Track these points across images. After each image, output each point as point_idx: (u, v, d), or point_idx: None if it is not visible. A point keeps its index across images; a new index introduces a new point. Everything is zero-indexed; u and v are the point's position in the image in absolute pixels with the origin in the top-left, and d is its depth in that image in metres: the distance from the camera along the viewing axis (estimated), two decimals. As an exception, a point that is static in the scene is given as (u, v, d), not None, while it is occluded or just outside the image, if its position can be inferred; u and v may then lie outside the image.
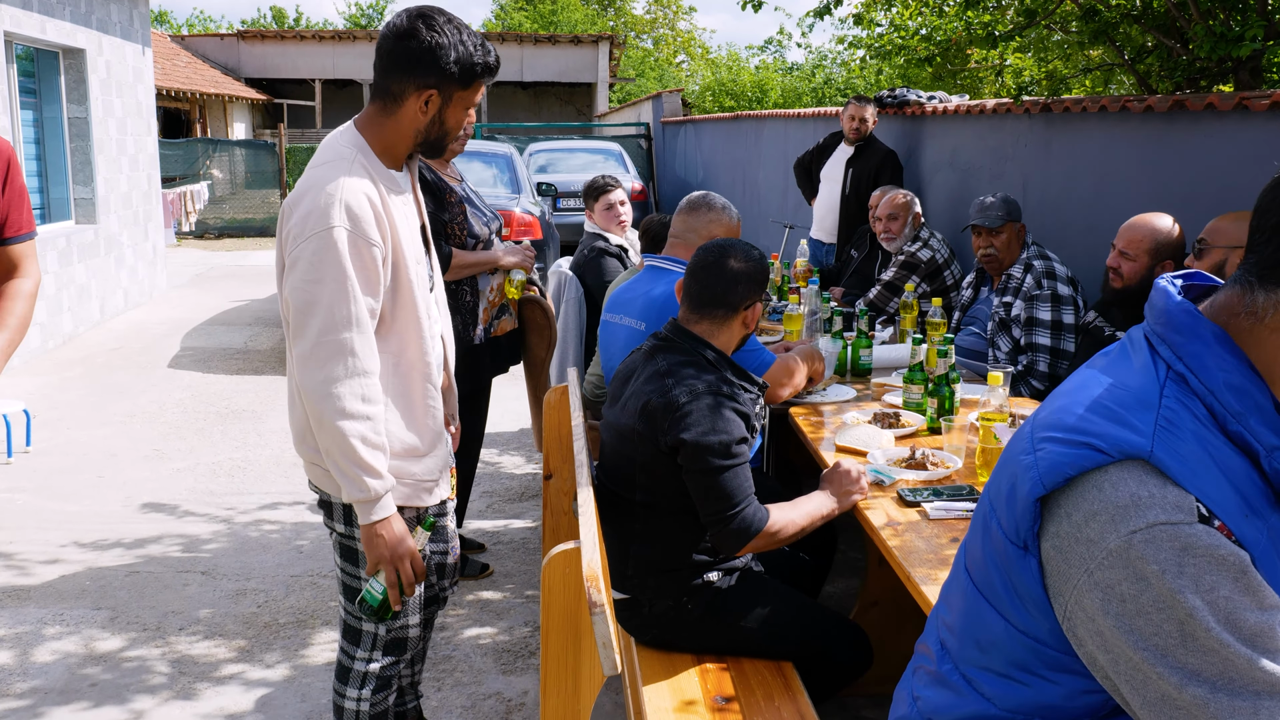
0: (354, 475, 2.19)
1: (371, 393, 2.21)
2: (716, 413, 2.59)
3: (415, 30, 2.22)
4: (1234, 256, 3.23)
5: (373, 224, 2.20)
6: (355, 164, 2.25)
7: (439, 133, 2.34)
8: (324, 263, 2.16)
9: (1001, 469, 1.27)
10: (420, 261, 2.39)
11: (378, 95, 2.31)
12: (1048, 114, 5.49)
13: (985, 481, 2.86)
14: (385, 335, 2.28)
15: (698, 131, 15.86)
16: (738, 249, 2.80)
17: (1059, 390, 1.30)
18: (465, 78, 2.27)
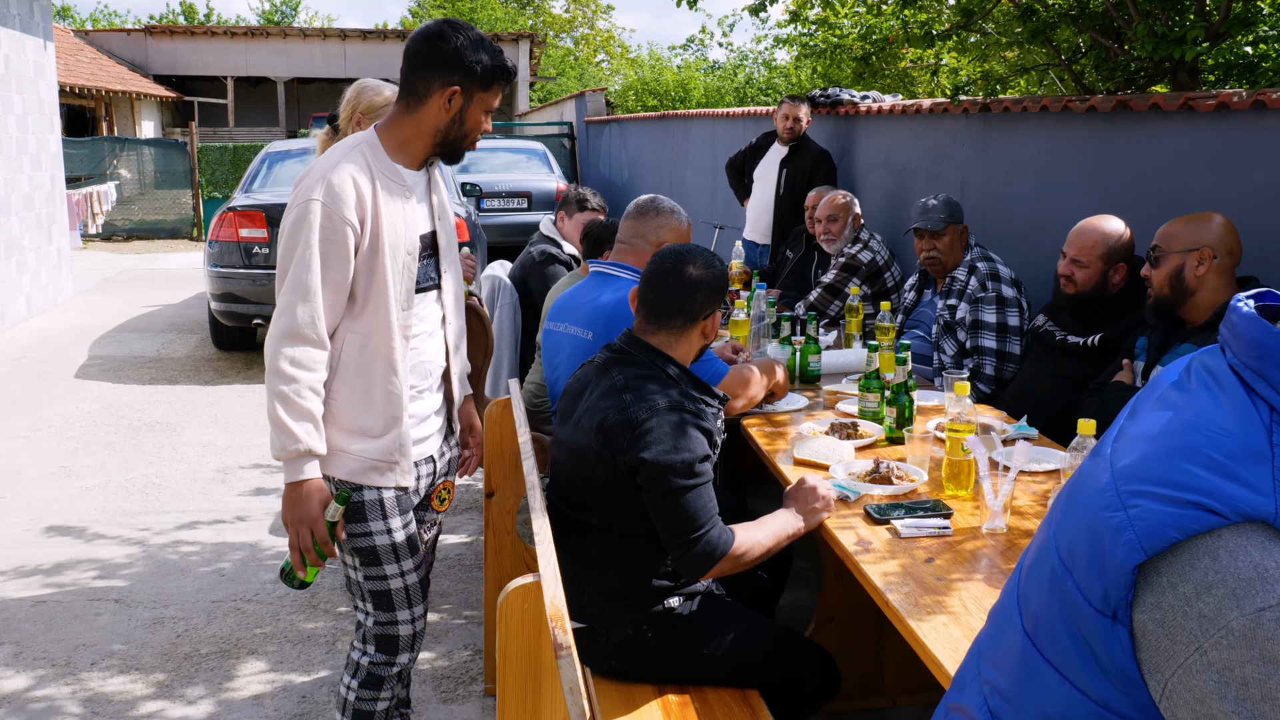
0: (273, 432, 2.37)
1: (306, 359, 2.35)
2: (679, 430, 2.43)
3: (443, 33, 2.44)
4: (1190, 260, 3.17)
5: (352, 205, 2.36)
6: (355, 152, 2.43)
7: (458, 133, 2.50)
8: (297, 233, 2.36)
9: (1075, 522, 1.11)
10: (412, 257, 2.49)
11: (403, 95, 2.49)
12: (986, 114, 5.45)
13: (952, 494, 2.77)
14: (355, 315, 2.43)
15: (623, 131, 15.71)
16: (696, 255, 2.65)
17: (1131, 432, 1.13)
18: (486, 78, 2.46)
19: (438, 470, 2.77)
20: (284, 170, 9.37)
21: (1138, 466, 1.06)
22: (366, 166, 2.42)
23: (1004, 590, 1.29)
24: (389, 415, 2.48)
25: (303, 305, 2.34)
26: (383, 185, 2.43)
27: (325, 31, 27.69)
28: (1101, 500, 1.07)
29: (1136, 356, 3.38)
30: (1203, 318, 3.19)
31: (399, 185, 2.47)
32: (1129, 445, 1.11)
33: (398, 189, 2.47)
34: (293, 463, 2.37)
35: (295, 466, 2.37)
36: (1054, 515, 1.19)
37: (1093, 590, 1.05)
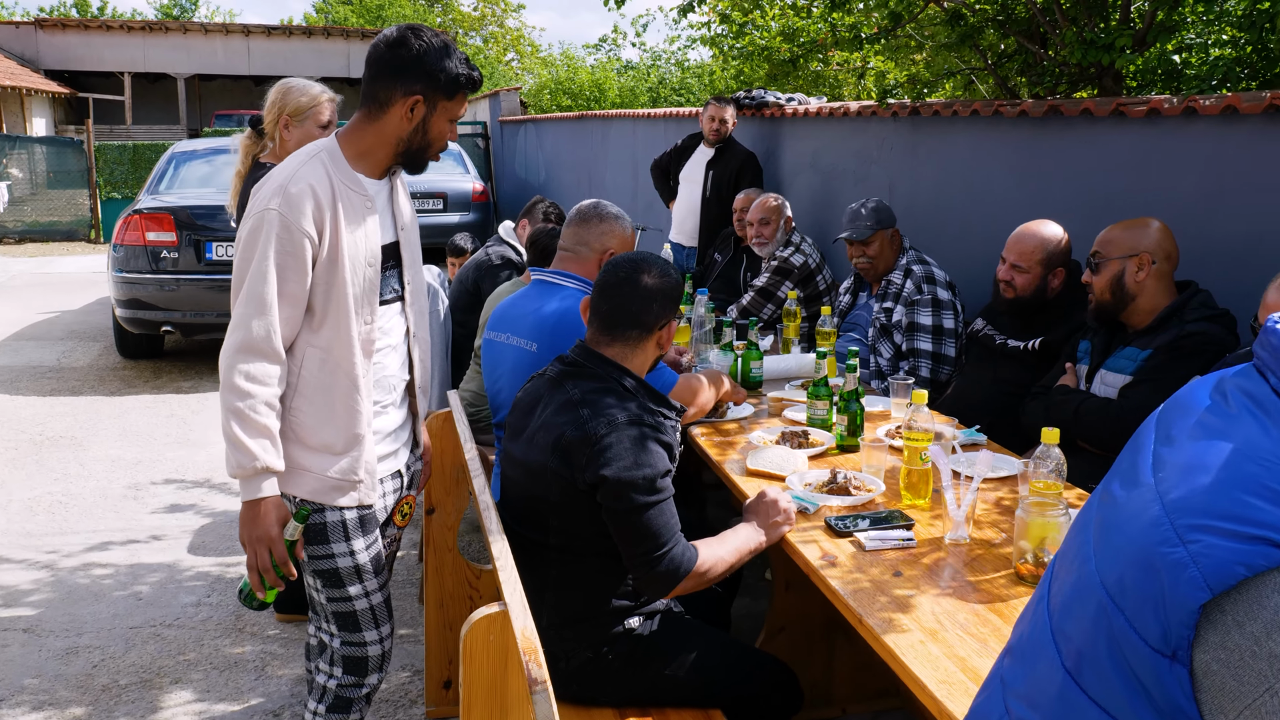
0: (229, 449, 2.30)
1: (261, 373, 2.29)
2: (640, 445, 2.35)
3: (405, 39, 2.35)
4: (1130, 265, 3.20)
5: (309, 215, 2.29)
6: (314, 160, 2.36)
7: (421, 143, 2.42)
8: (253, 243, 2.29)
9: (1123, 556, 1.05)
10: (374, 269, 2.42)
11: (364, 103, 2.40)
12: (916, 117, 5.47)
13: (910, 503, 2.74)
14: (315, 329, 2.37)
15: (539, 131, 15.57)
16: (651, 264, 2.57)
17: (1174, 460, 1.07)
18: (450, 87, 2.38)
19: (403, 485, 2.71)
20: (192, 171, 9.04)
21: (1193, 499, 1.01)
22: (326, 175, 2.35)
23: (1030, 622, 1.23)
24: (351, 432, 2.42)
25: (258, 319, 2.28)
26: (343, 195, 2.36)
27: (228, 27, 26.96)
28: (1155, 535, 1.02)
29: (1079, 360, 3.40)
30: (1144, 321, 3.22)
31: (360, 195, 2.39)
32: (1177, 476, 1.05)
33: (358, 198, 2.39)
34: (249, 480, 2.30)
35: (252, 484, 2.30)
36: (1087, 548, 1.14)
37: (1149, 629, 1.00)
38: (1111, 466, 1.26)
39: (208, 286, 7.77)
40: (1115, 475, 1.19)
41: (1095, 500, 1.21)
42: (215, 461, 6.08)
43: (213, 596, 4.34)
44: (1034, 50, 5.06)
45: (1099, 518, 1.14)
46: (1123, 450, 1.26)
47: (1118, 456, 1.27)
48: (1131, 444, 1.23)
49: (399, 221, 2.56)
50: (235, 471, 2.31)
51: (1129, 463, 1.16)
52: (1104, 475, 2.73)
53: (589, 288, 3.40)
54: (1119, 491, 1.13)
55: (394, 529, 2.80)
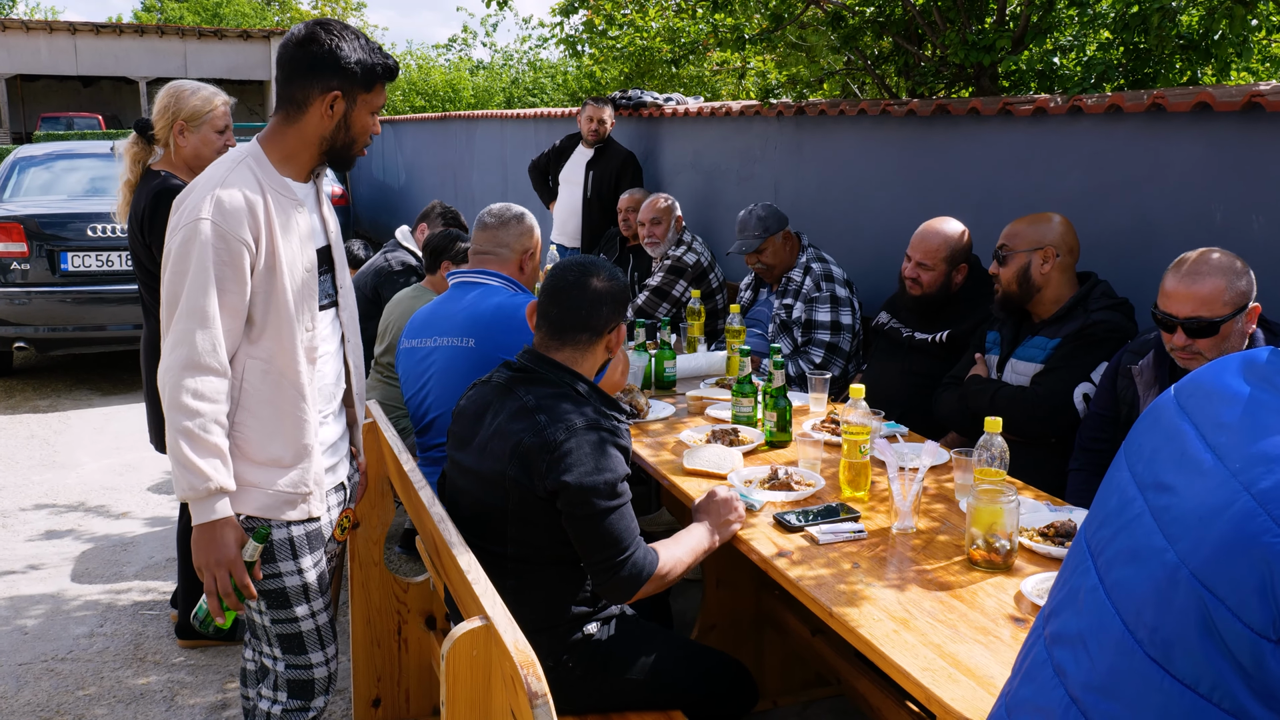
0: (178, 471, 2.21)
1: (209, 390, 2.21)
2: (599, 450, 2.34)
3: (315, 36, 2.30)
4: (1036, 258, 3.34)
5: (244, 222, 2.22)
6: (241, 166, 2.29)
7: (345, 139, 2.38)
8: (187, 255, 2.21)
9: (1216, 545, 1.09)
10: (311, 274, 2.37)
11: (281, 105, 2.35)
12: (800, 117, 5.59)
13: (850, 496, 2.80)
14: (256, 340, 2.30)
15: (397, 132, 15.28)
16: (599, 268, 2.55)
17: (1249, 450, 1.12)
18: (367, 79, 2.34)
19: (346, 498, 2.67)
20: (35, 178, 8.55)
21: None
22: (255, 181, 2.28)
23: (1087, 613, 1.24)
24: (299, 443, 2.36)
25: (201, 332, 2.20)
26: (274, 200, 2.30)
27: (51, 24, 25.56)
28: (1253, 525, 1.06)
29: (988, 350, 3.53)
30: (1049, 311, 3.37)
31: (290, 199, 2.35)
32: (1260, 465, 1.10)
33: (289, 203, 2.34)
34: (203, 502, 2.22)
35: (206, 506, 2.22)
36: (1156, 538, 1.15)
37: (1253, 614, 1.04)
38: (1132, 455, 1.30)
39: (62, 299, 7.36)
40: (1155, 465, 1.24)
41: (1135, 492, 1.24)
42: (87, 483, 5.77)
43: (106, 626, 4.12)
44: (912, 51, 5.22)
45: (1160, 507, 1.18)
46: (1142, 439, 1.30)
47: (1136, 445, 1.31)
48: (1158, 431, 1.27)
49: (327, 224, 2.53)
50: (187, 494, 2.22)
51: (1174, 451, 1.21)
52: (1025, 459, 2.81)
53: (516, 285, 3.38)
54: (1177, 480, 1.18)
55: (334, 544, 2.72)
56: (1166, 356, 2.82)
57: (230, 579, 2.26)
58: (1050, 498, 2.79)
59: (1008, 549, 2.32)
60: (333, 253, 2.54)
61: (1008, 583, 2.28)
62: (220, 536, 2.24)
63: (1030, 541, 2.42)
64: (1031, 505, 2.67)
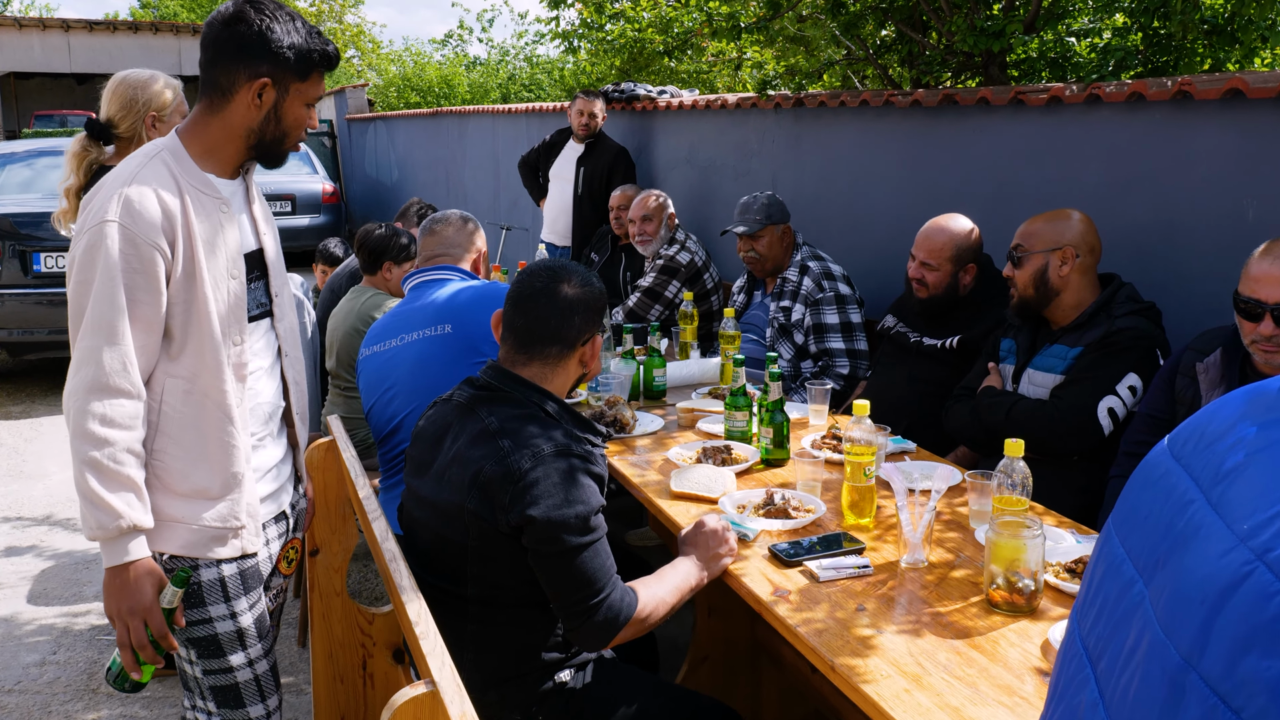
0: (85, 508, 1.97)
1: (120, 414, 1.97)
2: (570, 480, 2.07)
3: (243, 14, 2.05)
4: (1054, 259, 3.08)
5: (157, 224, 1.98)
6: (155, 162, 2.05)
7: (275, 132, 2.13)
8: (92, 263, 1.97)
9: (1231, 632, 0.83)
10: (239, 282, 2.12)
11: (205, 91, 2.10)
12: (799, 109, 5.32)
13: (854, 523, 2.54)
14: (176, 357, 2.06)
15: (390, 129, 15.01)
16: (570, 272, 2.28)
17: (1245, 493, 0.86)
18: (301, 66, 2.09)
19: (288, 528, 2.40)
20: (12, 175, 8.29)
21: None
22: (171, 178, 2.04)
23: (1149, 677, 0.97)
24: (228, 472, 2.11)
25: (109, 350, 1.95)
26: (193, 199, 2.05)
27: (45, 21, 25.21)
28: (1273, 607, 0.80)
29: (1002, 359, 3.26)
30: (1069, 317, 3.10)
31: (212, 198, 2.09)
32: (1275, 524, 0.84)
33: (211, 202, 2.09)
34: (114, 542, 1.97)
35: (117, 547, 1.97)
36: (1154, 629, 0.89)
37: None
38: (1124, 525, 1.03)
39: (36, 301, 7.12)
40: (1151, 535, 0.96)
41: (1133, 573, 0.97)
42: (54, 495, 5.51)
43: (59, 653, 3.86)
44: (917, 39, 4.95)
45: (1159, 589, 0.91)
46: (1135, 502, 1.03)
47: (1128, 511, 1.04)
48: (1152, 491, 0.99)
49: (259, 225, 2.26)
50: (95, 533, 1.97)
51: (1170, 514, 0.93)
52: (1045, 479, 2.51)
53: (475, 278, 3.16)
54: (1175, 551, 0.90)
55: (279, 579, 2.46)
56: (1238, 353, 2.56)
57: (146, 629, 2.00)
58: (1074, 524, 2.53)
59: (1032, 589, 2.05)
60: (266, 258, 2.27)
61: (1033, 628, 2.01)
62: (134, 581, 1.98)
63: (1056, 579, 2.15)
64: (1054, 534, 2.40)
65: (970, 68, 4.79)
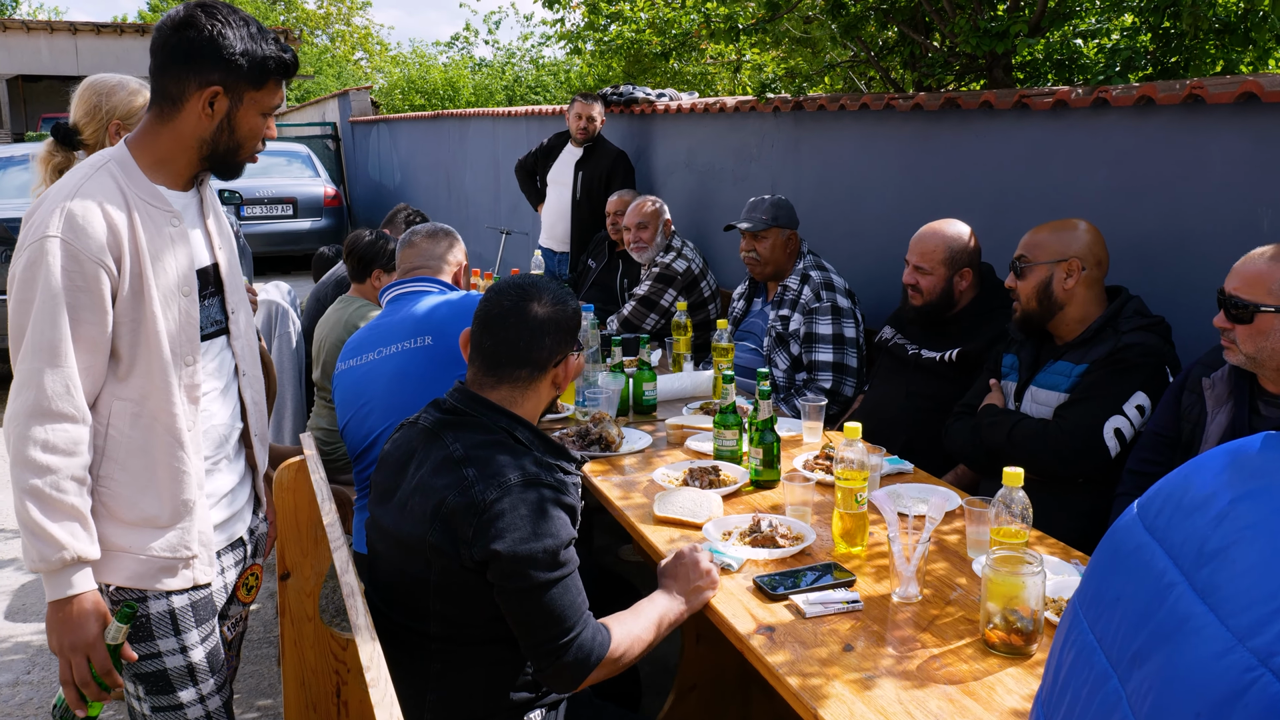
0: (27, 539, 1.86)
1: (63, 440, 1.87)
2: (539, 512, 1.94)
3: (194, 19, 1.94)
4: (1059, 271, 2.94)
5: (102, 239, 1.88)
6: (101, 173, 1.95)
7: (229, 143, 2.03)
8: (33, 280, 1.87)
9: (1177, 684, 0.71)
10: (190, 298, 2.02)
11: (154, 99, 2.00)
12: (798, 112, 5.19)
13: (844, 552, 2.41)
14: (123, 378, 1.96)
15: (393, 131, 14.91)
16: (541, 289, 2.16)
17: (1237, 580, 0.74)
18: (256, 74, 1.98)
19: (246, 555, 2.29)
20: (9, 179, 8.22)
21: None
22: (118, 190, 1.94)
23: None
24: (178, 499, 2.01)
25: (51, 372, 1.86)
26: (141, 212, 1.96)
27: (52, 25, 25.22)
28: (1238, 660, 0.67)
29: (1004, 375, 3.13)
30: (1073, 332, 2.97)
31: (162, 211, 2.00)
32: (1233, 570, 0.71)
33: (161, 215, 2.00)
34: (57, 575, 1.87)
35: (61, 580, 1.87)
36: None
37: None
38: (1091, 606, 0.90)
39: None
40: (1124, 623, 0.83)
41: (1105, 667, 0.84)
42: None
43: (34, 673, 3.75)
44: (919, 41, 4.81)
45: (1140, 694, 0.78)
46: (1103, 581, 0.90)
47: (1095, 591, 0.91)
48: (1121, 568, 0.87)
49: (214, 239, 2.16)
50: (37, 565, 1.87)
51: (1146, 598, 0.81)
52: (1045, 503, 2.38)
53: (456, 290, 3.05)
54: (1156, 647, 0.77)
55: (239, 607, 2.35)
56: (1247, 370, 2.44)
57: (90, 666, 1.90)
58: (1077, 554, 2.39)
59: (1031, 629, 1.92)
60: (221, 273, 2.16)
61: (1031, 675, 1.88)
62: (77, 616, 1.88)
63: (1057, 617, 2.02)
64: (1054, 565, 2.27)
65: (974, 70, 4.66)
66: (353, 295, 4.06)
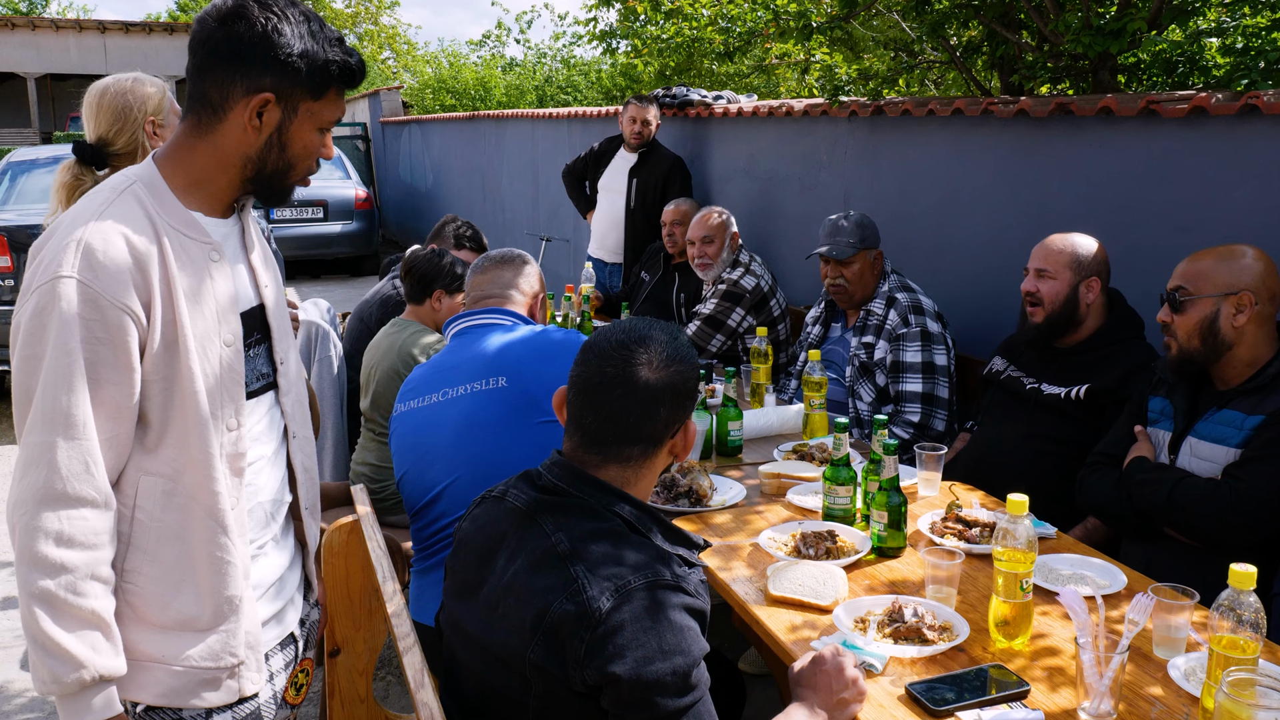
0: (36, 653, 1.50)
1: (81, 531, 1.52)
2: (662, 621, 1.57)
3: (244, 9, 1.60)
4: (1227, 306, 2.54)
5: (126, 278, 1.53)
6: (125, 197, 1.59)
7: (278, 163, 1.67)
8: (42, 330, 1.52)
9: None
10: (233, 349, 1.66)
11: (191, 106, 1.65)
12: (878, 117, 4.79)
13: (1004, 647, 2.03)
14: (153, 449, 1.61)
15: (424, 132, 14.59)
16: (650, 343, 1.75)
17: None
18: (315, 80, 1.64)
19: (297, 652, 1.92)
20: (32, 183, 7.94)
21: None
22: (145, 217, 1.59)
23: None
24: (221, 595, 1.66)
25: (67, 445, 1.51)
26: (174, 244, 1.61)
27: (81, 23, 25.14)
28: None
29: (1152, 422, 2.73)
30: (1240, 377, 2.57)
31: (199, 242, 1.65)
32: None
33: (198, 248, 1.64)
34: (74, 698, 1.52)
35: (79, 704, 1.52)
36: None
37: None
38: None
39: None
40: None
41: None
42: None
43: (51, 733, 3.41)
44: (1012, 40, 4.41)
45: None
46: None
47: None
48: None
49: (259, 275, 1.80)
50: (49, 687, 1.51)
51: None
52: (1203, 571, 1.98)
53: (532, 324, 2.69)
54: None
55: (285, 710, 1.98)
56: None
57: None
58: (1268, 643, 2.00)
59: (1276, 773, 1.53)
60: (268, 316, 1.80)
61: (1290, 837, 1.49)
62: None
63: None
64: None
65: (1075, 72, 4.25)
66: (408, 319, 3.69)
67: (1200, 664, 1.87)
